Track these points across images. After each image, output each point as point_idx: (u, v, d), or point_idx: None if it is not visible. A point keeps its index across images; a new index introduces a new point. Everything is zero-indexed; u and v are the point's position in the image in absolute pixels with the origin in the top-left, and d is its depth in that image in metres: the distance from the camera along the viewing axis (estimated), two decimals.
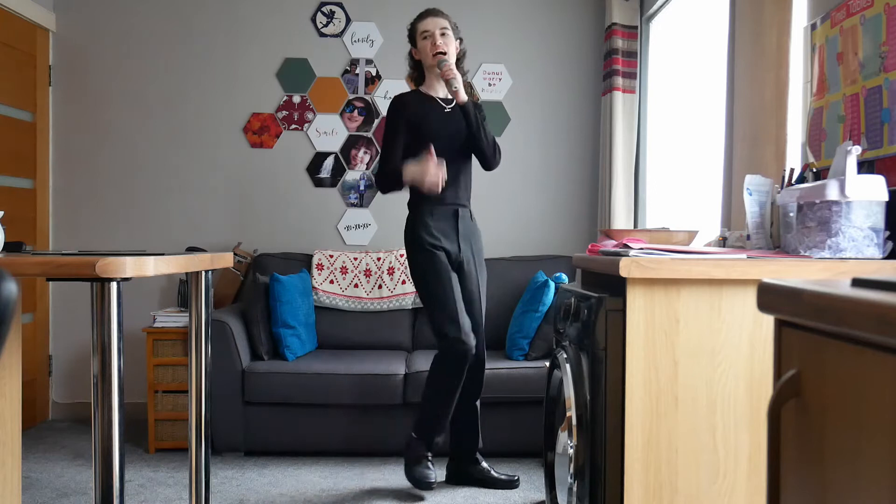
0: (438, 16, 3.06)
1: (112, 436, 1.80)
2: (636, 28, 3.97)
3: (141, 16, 4.27)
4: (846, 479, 0.79)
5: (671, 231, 2.18)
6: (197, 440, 2.56)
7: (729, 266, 1.72)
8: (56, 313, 4.28)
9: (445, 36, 3.02)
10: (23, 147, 4.03)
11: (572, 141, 4.34)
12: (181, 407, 3.60)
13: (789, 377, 0.89)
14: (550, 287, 3.60)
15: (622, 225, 3.90)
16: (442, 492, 3.06)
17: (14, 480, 2.25)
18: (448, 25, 3.05)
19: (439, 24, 3.03)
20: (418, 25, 3.07)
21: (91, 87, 4.27)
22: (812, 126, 2.31)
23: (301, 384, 3.43)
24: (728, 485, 1.77)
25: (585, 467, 1.92)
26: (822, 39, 2.25)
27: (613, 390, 1.82)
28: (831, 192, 1.76)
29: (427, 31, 3.03)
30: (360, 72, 4.30)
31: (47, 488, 3.08)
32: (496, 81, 4.31)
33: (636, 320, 1.77)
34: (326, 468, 3.36)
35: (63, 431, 3.99)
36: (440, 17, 3.05)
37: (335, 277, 4.01)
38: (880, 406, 0.72)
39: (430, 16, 3.06)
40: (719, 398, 1.77)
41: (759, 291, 0.93)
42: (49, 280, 2.06)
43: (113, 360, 1.81)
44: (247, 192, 4.29)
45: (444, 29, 3.03)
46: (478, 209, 4.31)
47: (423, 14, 3.08)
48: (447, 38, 3.03)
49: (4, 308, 1.08)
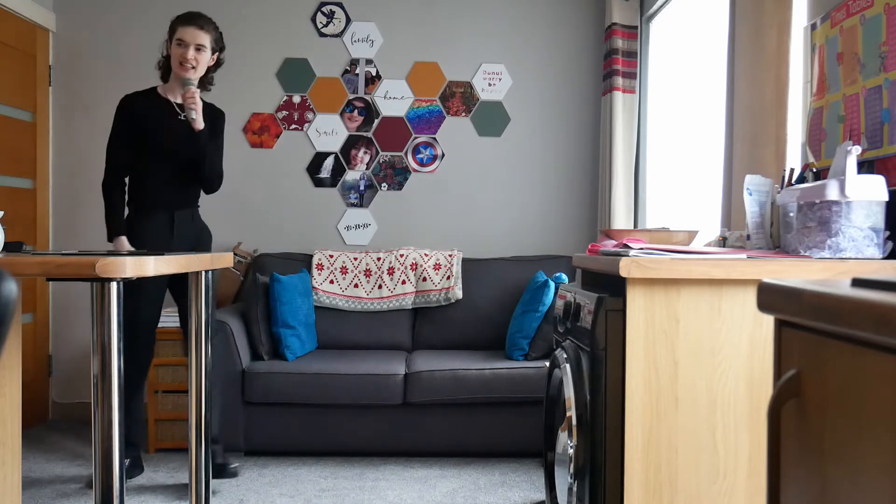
0: (202, 28, 3.00)
1: (112, 436, 1.80)
2: (636, 28, 3.97)
3: (141, 16, 4.27)
4: (846, 478, 0.79)
5: (671, 231, 2.18)
6: (197, 440, 2.56)
7: (729, 266, 1.72)
8: (56, 313, 4.28)
9: (200, 52, 3.00)
10: (23, 147, 4.03)
11: (572, 141, 4.34)
12: (181, 407, 3.60)
13: (789, 377, 0.89)
14: (550, 287, 3.60)
15: (622, 225, 3.90)
16: (442, 492, 3.06)
17: (14, 480, 2.25)
18: (207, 44, 3.01)
19: (198, 38, 2.99)
20: (178, 29, 3.01)
21: (91, 87, 4.27)
22: (812, 126, 2.32)
23: (301, 384, 3.43)
24: (728, 485, 1.77)
25: (585, 467, 1.92)
26: (822, 39, 2.25)
27: (613, 390, 1.82)
28: (831, 192, 1.76)
29: (183, 40, 3.00)
30: (360, 72, 4.30)
31: (47, 488, 3.08)
32: (496, 81, 4.31)
33: (636, 320, 1.77)
34: (326, 468, 3.36)
35: (63, 431, 3.99)
36: (203, 32, 3.00)
37: (335, 277, 4.01)
38: (880, 406, 0.72)
39: (193, 25, 3.00)
40: (719, 398, 1.77)
41: (759, 291, 0.93)
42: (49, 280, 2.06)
43: (113, 360, 1.81)
44: (247, 192, 4.28)
45: (201, 46, 3.00)
46: (478, 209, 4.32)
47: (188, 19, 3.01)
48: (201, 54, 3.01)
49: (4, 308, 1.08)
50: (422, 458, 3.50)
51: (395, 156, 4.30)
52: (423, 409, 3.44)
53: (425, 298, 3.99)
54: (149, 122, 3.07)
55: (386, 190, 4.30)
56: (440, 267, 4.01)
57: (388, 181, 4.30)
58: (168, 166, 3.09)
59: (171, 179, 3.11)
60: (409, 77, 4.30)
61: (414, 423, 3.45)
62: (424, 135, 4.30)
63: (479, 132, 4.32)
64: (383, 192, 4.30)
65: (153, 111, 3.09)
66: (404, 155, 4.30)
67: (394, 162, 4.30)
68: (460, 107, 4.30)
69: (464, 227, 4.32)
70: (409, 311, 4.04)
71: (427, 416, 3.44)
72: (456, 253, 4.07)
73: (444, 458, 3.51)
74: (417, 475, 3.26)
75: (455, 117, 4.30)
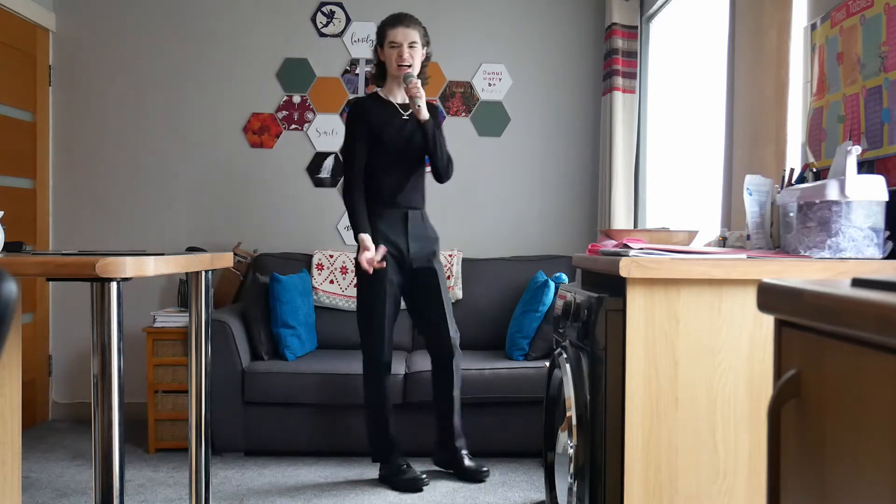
0: (410, 26, 3.09)
1: (112, 436, 1.80)
2: (636, 28, 3.97)
3: (141, 16, 4.27)
4: (846, 478, 0.79)
5: (671, 231, 2.18)
6: (197, 440, 2.56)
7: (729, 266, 1.72)
8: (56, 313, 4.28)
9: (413, 49, 3.08)
10: (23, 147, 4.03)
11: (572, 141, 4.34)
12: (181, 407, 3.60)
13: (789, 377, 0.89)
14: (550, 287, 3.60)
15: (622, 225, 3.90)
16: (442, 492, 3.06)
17: (14, 480, 2.25)
18: (418, 39, 3.09)
19: (409, 36, 3.07)
20: (388, 32, 3.10)
21: (91, 87, 4.27)
22: (812, 126, 2.31)
23: (301, 384, 3.43)
24: (728, 485, 1.77)
25: (585, 467, 1.92)
26: (822, 39, 2.25)
27: (613, 390, 1.82)
28: (831, 192, 1.76)
29: (395, 42, 3.07)
30: (360, 72, 4.29)
31: (47, 488, 3.08)
32: (496, 81, 4.31)
33: (636, 320, 1.77)
34: (327, 468, 3.36)
35: (63, 431, 3.99)
36: (411, 29, 3.08)
37: (335, 277, 4.01)
38: (880, 406, 0.72)
39: (401, 25, 3.08)
40: (719, 398, 1.77)
41: (759, 291, 0.93)
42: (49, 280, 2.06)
43: (113, 360, 1.81)
44: (247, 192, 4.28)
45: (414, 43, 3.08)
46: (478, 209, 4.32)
47: (395, 21, 3.10)
48: (415, 50, 3.08)
49: (4, 308, 1.08)
50: (422, 458, 3.50)
51: None
52: (423, 409, 3.44)
53: None
54: (380, 125, 3.10)
55: None
56: None
57: None
58: (400, 168, 3.14)
59: (402, 180, 3.15)
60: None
61: (414, 423, 3.45)
62: None
63: (479, 132, 4.32)
64: None
65: (382, 113, 3.12)
66: None
67: None
68: (460, 107, 4.30)
69: (464, 227, 4.32)
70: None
71: (427, 416, 3.44)
72: (456, 253, 4.07)
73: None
74: None
75: (455, 117, 4.30)
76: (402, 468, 3.11)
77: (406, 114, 3.15)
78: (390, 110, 3.14)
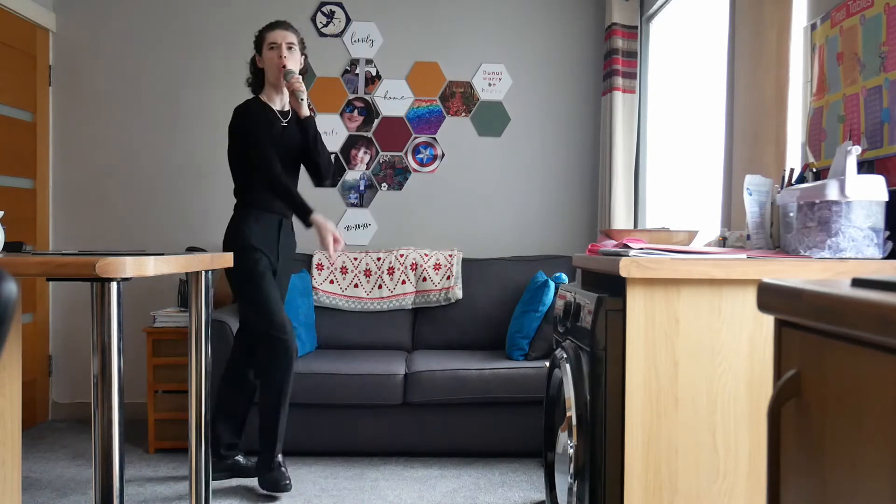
0: (288, 29, 3.14)
1: (112, 436, 1.80)
2: (636, 28, 3.97)
3: (141, 16, 4.27)
4: (846, 478, 0.79)
5: (671, 231, 2.18)
6: (197, 440, 2.56)
7: (729, 266, 1.72)
8: (56, 313, 4.28)
9: (292, 50, 3.11)
10: (23, 147, 4.03)
11: (572, 141, 4.34)
12: (181, 407, 3.60)
13: (789, 377, 0.89)
14: (550, 287, 3.60)
15: (622, 225, 3.90)
16: (442, 492, 3.06)
17: (14, 480, 2.25)
18: (295, 41, 3.14)
19: (287, 37, 3.11)
20: (266, 35, 3.13)
21: (91, 87, 4.27)
22: (812, 126, 2.32)
23: (301, 384, 3.43)
24: (728, 485, 1.77)
25: (585, 467, 1.92)
26: (822, 39, 2.25)
27: (613, 390, 1.82)
28: (831, 192, 1.76)
29: (275, 42, 3.10)
30: (360, 72, 4.30)
31: (47, 488, 3.08)
32: (496, 81, 4.31)
33: (636, 320, 1.77)
34: (326, 468, 3.36)
35: (63, 431, 3.99)
36: (290, 31, 3.14)
37: (335, 277, 4.01)
38: (880, 406, 0.72)
39: (279, 28, 3.13)
40: (719, 398, 1.77)
41: (759, 291, 0.93)
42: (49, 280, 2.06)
43: (113, 360, 1.81)
44: None
45: (291, 44, 3.12)
46: (478, 209, 4.32)
47: (273, 24, 3.15)
48: (293, 52, 3.12)
49: (4, 308, 1.08)
50: (421, 458, 3.50)
51: (395, 156, 4.30)
52: (422, 409, 3.44)
53: (425, 298, 3.99)
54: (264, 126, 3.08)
55: (386, 190, 4.30)
56: (440, 267, 4.02)
57: (388, 181, 4.31)
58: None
59: None
60: (409, 77, 4.30)
61: (414, 423, 3.45)
62: (424, 135, 4.30)
63: (479, 132, 4.32)
64: (383, 192, 4.31)
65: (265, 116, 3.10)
66: (404, 155, 4.30)
67: (394, 162, 4.30)
68: (460, 107, 4.30)
69: (464, 227, 4.32)
70: (409, 311, 4.04)
71: (427, 416, 3.44)
72: (456, 253, 4.07)
73: (444, 458, 3.51)
74: (417, 475, 3.26)
75: (455, 117, 4.30)
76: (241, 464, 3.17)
77: (284, 121, 3.14)
78: (270, 116, 3.12)
